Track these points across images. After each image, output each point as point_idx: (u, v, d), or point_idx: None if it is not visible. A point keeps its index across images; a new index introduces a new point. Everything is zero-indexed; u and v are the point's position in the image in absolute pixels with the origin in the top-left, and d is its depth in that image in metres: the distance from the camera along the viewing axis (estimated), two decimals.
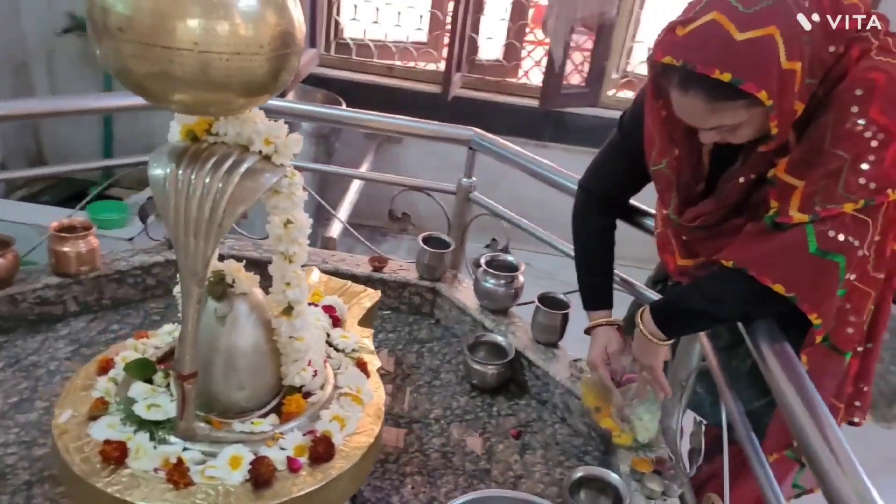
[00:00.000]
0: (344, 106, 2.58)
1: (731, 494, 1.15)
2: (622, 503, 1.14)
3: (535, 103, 3.07)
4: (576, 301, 1.52)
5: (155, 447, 0.91)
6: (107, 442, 0.90)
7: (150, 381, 1.03)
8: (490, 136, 1.69)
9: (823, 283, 0.98)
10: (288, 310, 1.00)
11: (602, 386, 1.29)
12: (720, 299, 1.05)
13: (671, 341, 1.14)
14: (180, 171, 0.84)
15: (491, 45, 3.32)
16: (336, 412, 1.03)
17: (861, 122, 0.92)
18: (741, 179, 1.06)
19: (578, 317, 1.53)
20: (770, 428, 1.16)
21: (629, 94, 3.29)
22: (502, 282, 1.62)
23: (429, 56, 3.37)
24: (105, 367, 1.06)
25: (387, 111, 1.73)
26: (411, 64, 3.32)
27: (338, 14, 3.33)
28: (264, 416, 1.00)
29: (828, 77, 0.95)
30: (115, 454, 0.89)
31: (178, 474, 0.88)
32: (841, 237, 0.96)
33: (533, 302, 1.64)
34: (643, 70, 3.23)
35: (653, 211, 1.34)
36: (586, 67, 3.10)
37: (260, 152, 0.88)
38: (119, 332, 1.55)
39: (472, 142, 1.70)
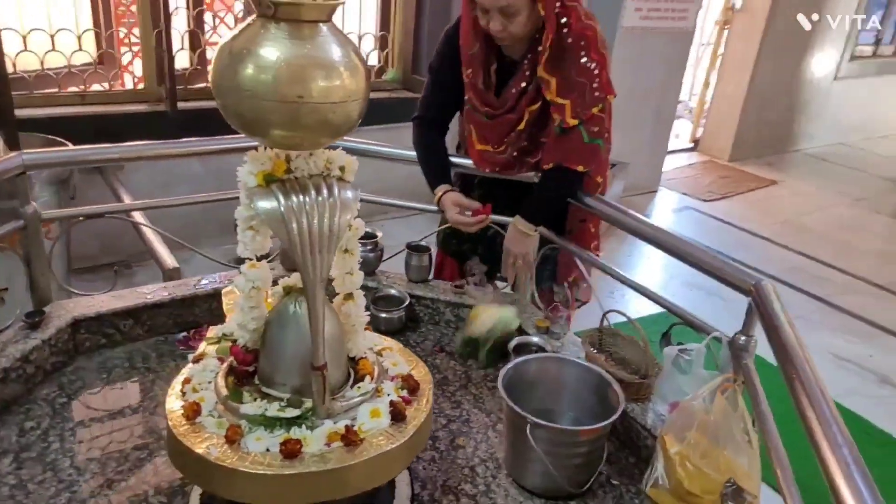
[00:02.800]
0: (70, 145, 2.38)
1: None
2: (545, 349, 1.70)
3: None
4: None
5: (311, 432, 1.11)
6: (283, 443, 1.07)
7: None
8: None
9: (596, 158, 1.75)
10: (349, 295, 1.25)
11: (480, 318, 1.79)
12: (554, 188, 1.73)
13: (538, 231, 1.73)
14: (294, 204, 1.04)
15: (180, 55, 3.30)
16: (390, 359, 1.33)
17: (586, 59, 1.63)
18: (513, 90, 1.72)
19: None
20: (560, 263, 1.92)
21: None
22: (369, 248, 1.97)
23: (99, 77, 3.15)
24: (196, 410, 1.14)
25: (107, 140, 1.76)
26: (96, 87, 3.07)
27: None
28: (355, 382, 1.25)
29: (560, 25, 1.62)
30: (295, 447, 1.07)
31: (352, 436, 1.11)
32: (596, 129, 1.70)
33: (391, 257, 2.05)
34: None
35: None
36: None
37: (334, 175, 1.12)
38: (40, 427, 1.43)
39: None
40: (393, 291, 1.92)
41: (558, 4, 1.62)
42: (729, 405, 1.24)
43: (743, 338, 1.35)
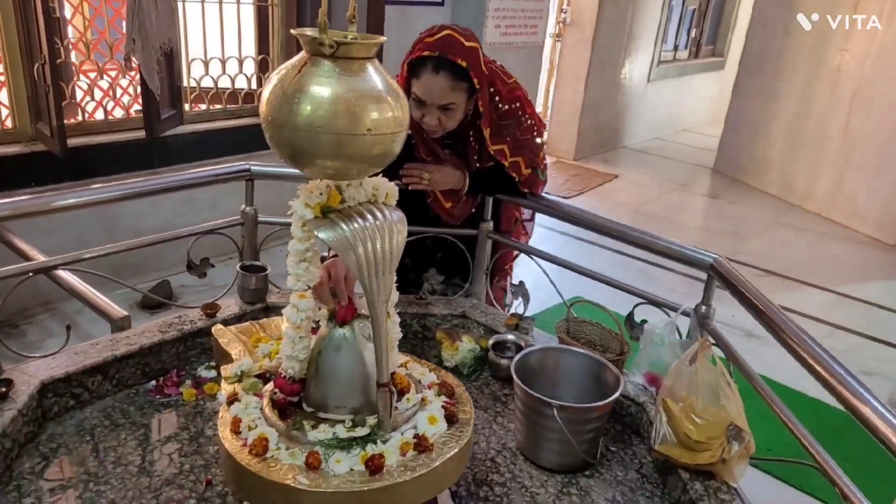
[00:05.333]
0: None
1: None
2: (519, 344, 1.85)
3: (139, 135, 3.00)
4: None
5: (385, 445, 1.17)
6: (369, 460, 1.12)
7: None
8: (263, 164, 1.97)
9: (541, 186, 1.96)
10: (388, 314, 1.31)
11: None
12: (500, 185, 1.91)
13: (464, 189, 1.89)
14: (358, 229, 1.10)
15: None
16: (416, 371, 1.41)
17: (525, 117, 1.83)
18: (470, 157, 1.86)
19: None
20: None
21: (202, 106, 3.53)
22: None
23: None
24: (265, 446, 1.15)
25: None
26: None
27: None
28: (399, 396, 1.31)
29: (493, 93, 1.78)
30: (379, 462, 1.12)
31: (425, 443, 1.18)
32: (544, 165, 1.93)
33: None
34: (206, 83, 3.50)
35: None
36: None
37: (382, 201, 1.18)
38: (42, 502, 1.32)
39: (251, 172, 1.94)
40: (363, 311, 1.96)
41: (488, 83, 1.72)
42: (709, 363, 1.48)
43: (704, 307, 1.60)
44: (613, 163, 7.40)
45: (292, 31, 1.09)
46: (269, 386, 1.32)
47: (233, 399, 1.28)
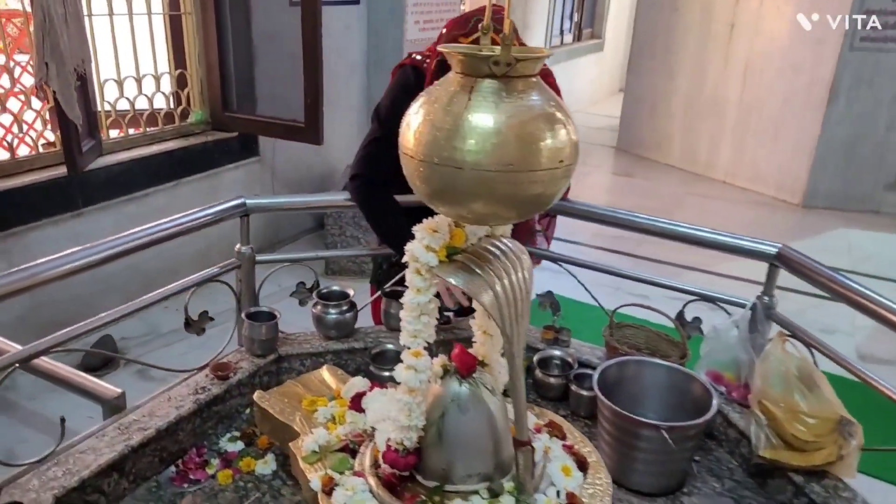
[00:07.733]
0: None
1: None
2: (568, 361, 1.73)
3: (55, 172, 2.55)
4: None
5: None
6: None
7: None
8: (261, 197, 1.73)
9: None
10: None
11: None
12: None
13: None
14: (493, 268, 0.93)
15: None
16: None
17: None
18: None
19: None
20: None
21: (116, 133, 3.10)
22: (345, 308, 1.78)
23: None
24: None
25: None
26: None
27: None
28: None
29: None
30: None
31: (575, 500, 1.04)
32: None
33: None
34: (122, 105, 3.07)
35: None
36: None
37: (499, 234, 1.02)
38: None
39: (246, 207, 1.69)
40: (389, 346, 1.78)
41: None
42: (792, 356, 1.43)
43: (766, 298, 1.56)
44: None
45: (440, 48, 0.90)
46: (362, 459, 1.13)
47: (330, 486, 1.08)
